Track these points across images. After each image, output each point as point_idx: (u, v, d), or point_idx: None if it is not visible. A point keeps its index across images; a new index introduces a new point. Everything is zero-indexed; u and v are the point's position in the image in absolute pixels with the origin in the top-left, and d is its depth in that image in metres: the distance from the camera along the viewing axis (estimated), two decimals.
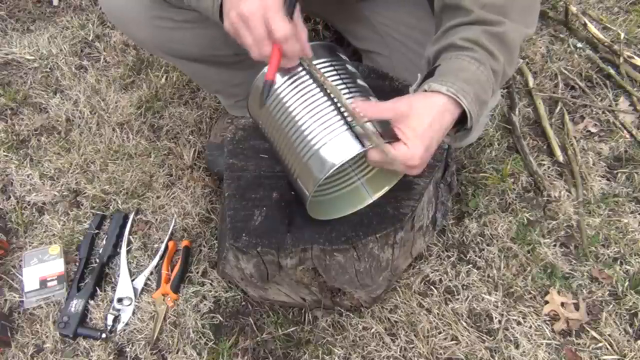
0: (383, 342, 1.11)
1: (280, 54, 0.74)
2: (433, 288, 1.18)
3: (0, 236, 1.25)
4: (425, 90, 0.77)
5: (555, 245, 1.25)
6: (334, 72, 0.81)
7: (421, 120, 0.74)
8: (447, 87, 0.75)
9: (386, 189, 0.92)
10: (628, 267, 1.22)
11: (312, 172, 0.78)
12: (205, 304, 1.16)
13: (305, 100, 0.79)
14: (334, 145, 0.76)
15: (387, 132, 0.76)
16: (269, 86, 0.78)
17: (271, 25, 0.71)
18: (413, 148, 0.74)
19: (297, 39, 0.74)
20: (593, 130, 1.48)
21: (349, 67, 0.84)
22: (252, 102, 0.86)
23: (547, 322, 1.14)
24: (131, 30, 1.10)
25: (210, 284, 1.19)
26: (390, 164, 0.76)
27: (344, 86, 0.80)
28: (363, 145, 0.76)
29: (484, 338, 1.12)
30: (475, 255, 1.23)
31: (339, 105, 0.78)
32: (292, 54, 0.75)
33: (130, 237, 1.27)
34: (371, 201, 0.93)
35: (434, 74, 0.78)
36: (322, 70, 0.79)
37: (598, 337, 1.12)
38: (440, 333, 1.12)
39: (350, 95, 0.79)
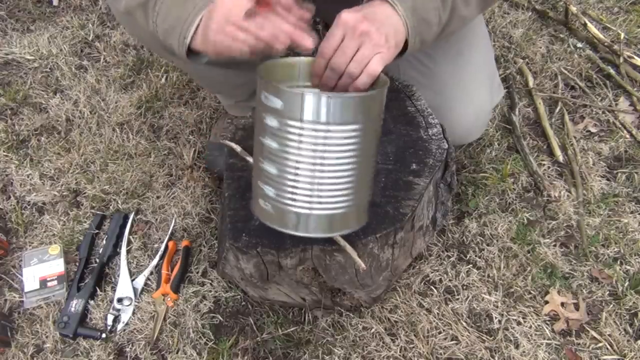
0: (383, 342, 1.11)
1: None
2: (433, 288, 1.18)
3: (0, 236, 1.25)
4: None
5: (555, 245, 1.25)
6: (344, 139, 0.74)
7: (372, 17, 0.75)
8: None
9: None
10: (628, 267, 1.22)
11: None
12: (205, 304, 1.16)
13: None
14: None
15: None
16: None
17: None
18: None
19: None
20: (593, 130, 1.48)
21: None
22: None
23: (547, 322, 1.14)
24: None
25: (210, 284, 1.19)
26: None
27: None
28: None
29: (484, 338, 1.12)
30: (475, 255, 1.23)
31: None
32: None
33: (130, 237, 1.27)
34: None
35: None
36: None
37: (598, 337, 1.12)
38: (440, 333, 1.12)
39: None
